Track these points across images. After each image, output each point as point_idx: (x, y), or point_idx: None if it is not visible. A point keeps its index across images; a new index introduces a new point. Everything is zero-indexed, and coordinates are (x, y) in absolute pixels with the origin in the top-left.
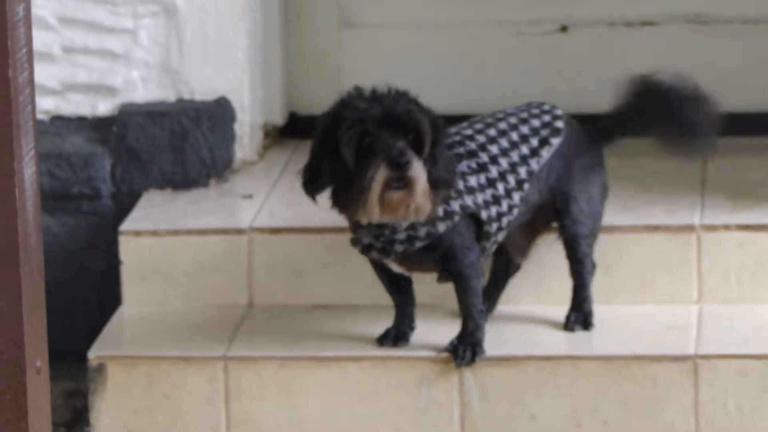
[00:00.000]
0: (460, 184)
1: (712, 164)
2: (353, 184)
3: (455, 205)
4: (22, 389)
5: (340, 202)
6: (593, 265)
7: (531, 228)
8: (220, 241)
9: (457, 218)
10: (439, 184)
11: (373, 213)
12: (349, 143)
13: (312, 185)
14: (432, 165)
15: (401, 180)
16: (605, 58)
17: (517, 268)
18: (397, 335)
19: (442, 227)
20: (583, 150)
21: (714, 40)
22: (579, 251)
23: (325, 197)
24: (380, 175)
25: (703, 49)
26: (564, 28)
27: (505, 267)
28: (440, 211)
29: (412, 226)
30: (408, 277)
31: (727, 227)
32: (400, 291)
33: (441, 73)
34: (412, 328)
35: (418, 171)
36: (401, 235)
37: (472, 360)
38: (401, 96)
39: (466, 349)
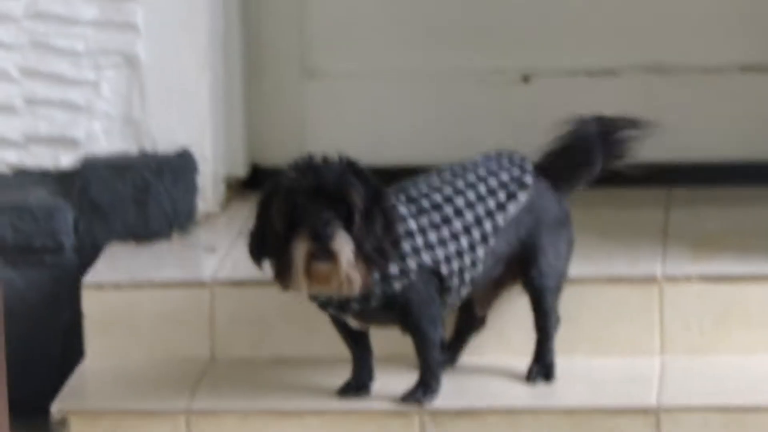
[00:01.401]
0: (419, 241)
1: (674, 214)
2: (285, 256)
3: (412, 263)
4: None
5: (276, 274)
6: (558, 319)
7: (498, 281)
8: (182, 293)
9: (413, 276)
10: (371, 257)
11: (300, 285)
12: (279, 215)
13: (256, 252)
14: (365, 236)
15: (325, 251)
16: (567, 107)
17: (482, 322)
18: (358, 386)
19: (397, 286)
20: (552, 204)
21: (675, 89)
22: (544, 304)
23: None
24: (303, 246)
25: (665, 98)
26: (526, 78)
27: (469, 321)
28: (395, 270)
29: (367, 286)
30: (367, 332)
31: (688, 278)
32: (358, 343)
33: (403, 122)
34: (371, 378)
35: (342, 243)
36: (356, 295)
37: (420, 401)
38: (337, 166)
39: (417, 391)
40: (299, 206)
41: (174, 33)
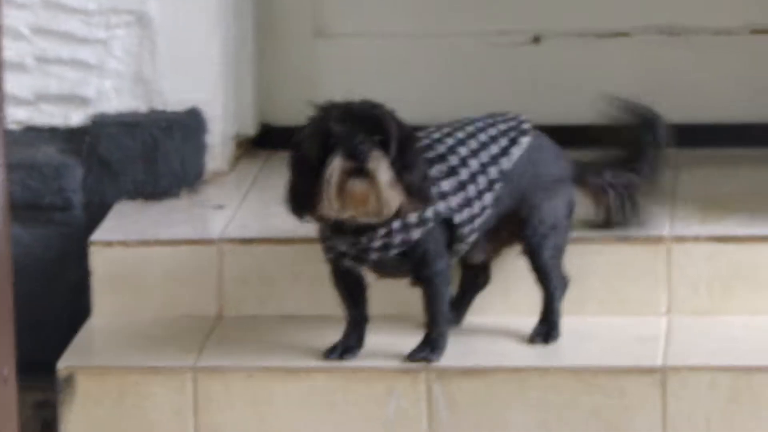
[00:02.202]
0: (433, 190)
1: (682, 176)
2: (320, 182)
3: (429, 212)
4: None
5: (311, 203)
6: (564, 280)
7: (493, 238)
8: (190, 251)
9: (431, 224)
10: (413, 190)
11: (335, 207)
12: (312, 142)
13: (294, 201)
14: (404, 169)
15: (362, 171)
16: (577, 69)
17: (485, 281)
18: (344, 350)
19: (416, 234)
20: (550, 161)
21: (685, 52)
22: (541, 262)
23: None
24: (337, 165)
25: (675, 60)
26: (536, 39)
27: (473, 279)
28: (414, 218)
29: (388, 234)
30: (365, 293)
31: (696, 238)
32: (357, 305)
33: (414, 84)
34: (360, 346)
35: (379, 162)
36: (376, 243)
37: (428, 359)
38: (369, 101)
39: (424, 349)
40: (333, 133)
41: None
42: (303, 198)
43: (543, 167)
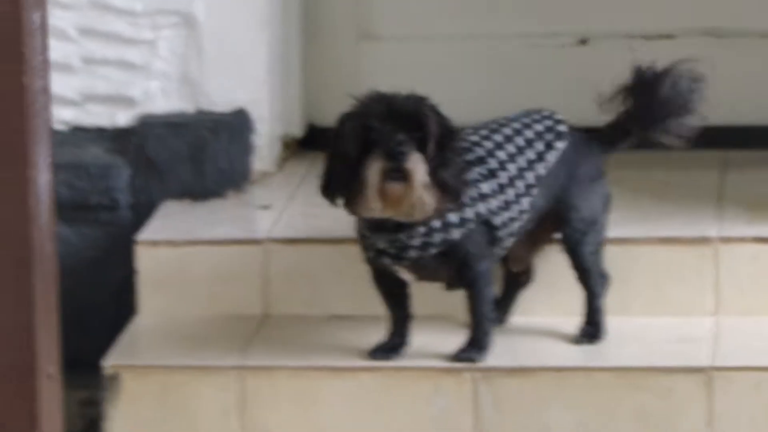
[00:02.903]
0: (474, 191)
1: (730, 177)
2: (357, 179)
3: (470, 212)
4: (33, 395)
5: (347, 199)
6: (604, 277)
7: (533, 238)
8: (236, 251)
9: (472, 225)
10: (447, 188)
11: (373, 206)
12: (351, 137)
13: (328, 188)
14: (440, 167)
15: (399, 171)
16: (624, 71)
17: (528, 279)
18: (390, 350)
19: (457, 234)
20: (585, 159)
21: (732, 53)
22: (581, 260)
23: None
24: (376, 165)
25: (721, 62)
26: (583, 41)
27: (516, 278)
28: (455, 218)
29: (428, 233)
30: (407, 292)
31: (743, 239)
32: (400, 305)
33: (459, 86)
34: (405, 343)
35: (416, 164)
36: (416, 241)
37: (472, 359)
38: (413, 97)
39: (469, 349)
40: (373, 129)
41: None
42: (339, 192)
43: (578, 166)
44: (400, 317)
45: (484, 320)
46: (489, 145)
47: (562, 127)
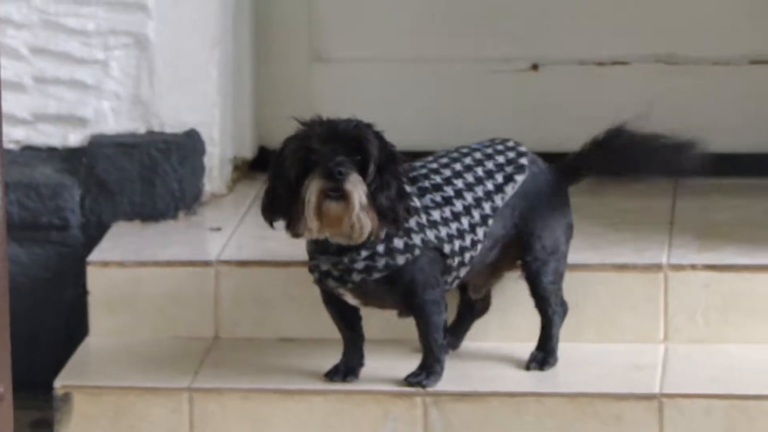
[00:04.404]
0: (423, 218)
1: (681, 204)
2: (297, 200)
3: (417, 239)
4: None
5: (287, 221)
6: (563, 306)
7: (493, 266)
8: (187, 273)
9: (417, 252)
10: (385, 212)
11: (312, 226)
12: (293, 160)
13: (269, 209)
14: (379, 190)
15: (337, 191)
16: (576, 96)
17: (485, 307)
18: (347, 371)
19: (401, 260)
20: (547, 188)
21: (684, 81)
22: (540, 288)
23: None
24: (315, 184)
25: (674, 89)
26: (535, 67)
27: (472, 305)
28: (400, 244)
29: (371, 256)
30: (358, 314)
31: (694, 267)
32: (350, 327)
33: (412, 109)
34: (361, 364)
35: (355, 184)
36: (359, 265)
37: (423, 384)
38: (355, 121)
39: (420, 374)
40: (314, 151)
41: (184, 14)
42: (279, 213)
43: (540, 195)
44: (352, 339)
45: (435, 347)
46: (447, 173)
47: (523, 160)
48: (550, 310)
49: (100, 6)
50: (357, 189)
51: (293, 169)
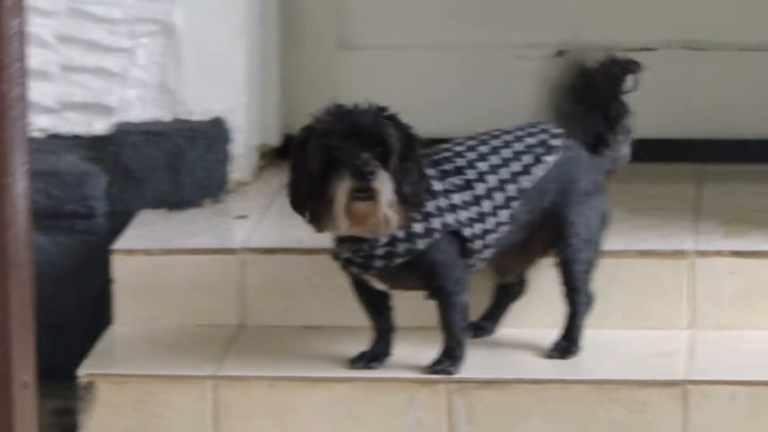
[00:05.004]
0: (443, 202)
1: (707, 190)
2: (322, 197)
3: (436, 222)
4: (8, 403)
5: (312, 216)
6: (589, 297)
7: (525, 250)
8: (212, 260)
9: (437, 235)
10: (409, 201)
11: (340, 225)
12: (315, 157)
13: (297, 201)
14: (402, 180)
15: (366, 191)
16: None
17: (520, 292)
18: (372, 357)
19: (421, 244)
20: (583, 174)
21: (711, 67)
22: (572, 278)
23: None
24: (344, 185)
25: (701, 75)
26: (561, 53)
27: (507, 289)
28: (420, 228)
29: (392, 242)
30: (388, 302)
31: (719, 253)
32: (380, 315)
33: (438, 95)
34: (387, 354)
35: (383, 182)
36: (380, 251)
37: (447, 371)
38: (371, 110)
39: (444, 360)
40: (336, 148)
41: (211, 2)
42: (304, 209)
43: (574, 181)
44: (382, 327)
45: (456, 330)
46: (472, 155)
47: (555, 142)
48: (578, 299)
49: None
50: (386, 187)
51: (316, 165)
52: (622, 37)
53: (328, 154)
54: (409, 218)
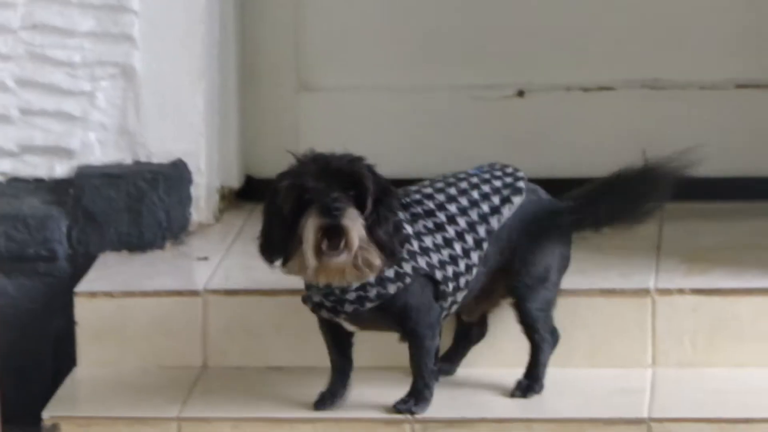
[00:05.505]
0: (415, 245)
1: (667, 228)
2: (293, 239)
3: (407, 267)
4: None
5: (284, 259)
6: (553, 334)
7: (488, 291)
8: (175, 302)
9: (408, 280)
10: (383, 245)
11: (309, 263)
12: (287, 197)
13: (267, 248)
14: (377, 225)
15: (336, 228)
16: (562, 122)
17: (481, 334)
18: (333, 398)
19: (392, 288)
20: (543, 217)
21: (670, 105)
22: (525, 315)
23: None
24: (312, 223)
25: (660, 114)
26: (521, 93)
27: (468, 331)
28: (391, 273)
29: (363, 287)
30: (351, 341)
31: (681, 291)
32: (342, 353)
33: (399, 137)
34: (346, 391)
35: (353, 219)
36: (351, 296)
37: (410, 411)
38: (349, 156)
39: (409, 401)
40: (307, 189)
41: (170, 45)
42: (276, 251)
43: (534, 221)
44: (341, 364)
45: (425, 372)
46: (441, 198)
47: (520, 184)
48: (538, 337)
49: (87, 37)
50: (355, 224)
51: (287, 206)
52: (582, 76)
53: (300, 197)
54: (382, 264)
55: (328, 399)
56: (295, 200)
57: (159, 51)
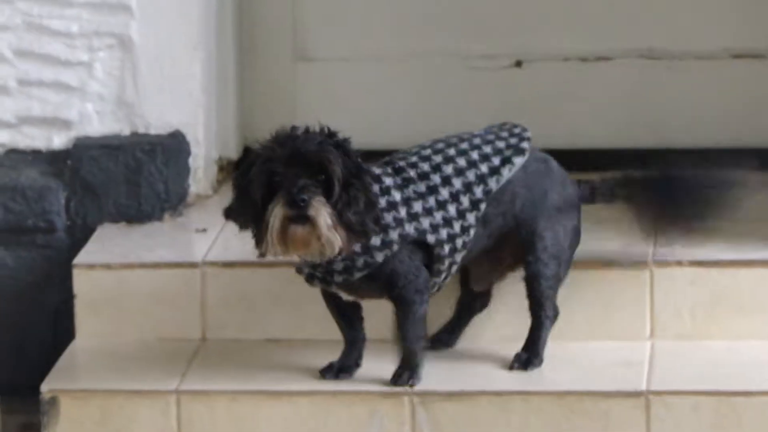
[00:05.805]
0: (402, 212)
1: None
2: (262, 223)
3: (393, 234)
4: None
5: (255, 239)
6: (555, 310)
7: (496, 259)
8: (173, 274)
9: (396, 247)
10: (352, 227)
11: (276, 250)
12: (257, 182)
13: (236, 220)
14: (346, 207)
15: (302, 217)
16: (559, 92)
17: (484, 304)
18: (341, 368)
19: (380, 257)
20: (556, 188)
21: (667, 75)
22: (538, 291)
23: None
24: (278, 212)
25: (656, 83)
26: (519, 63)
27: (470, 302)
28: (377, 241)
29: (349, 257)
30: (359, 313)
31: (680, 263)
32: (351, 326)
33: (396, 107)
34: (358, 365)
35: (318, 209)
36: (338, 266)
37: (408, 383)
38: (317, 136)
39: (403, 372)
40: (276, 174)
41: (167, 15)
42: (244, 228)
43: (545, 193)
44: (352, 338)
45: (412, 338)
46: (438, 159)
47: (524, 144)
48: (543, 314)
49: (84, 8)
50: (321, 213)
51: (258, 192)
52: (580, 46)
53: (271, 180)
54: (353, 243)
55: (335, 369)
56: (265, 186)
57: (156, 21)
